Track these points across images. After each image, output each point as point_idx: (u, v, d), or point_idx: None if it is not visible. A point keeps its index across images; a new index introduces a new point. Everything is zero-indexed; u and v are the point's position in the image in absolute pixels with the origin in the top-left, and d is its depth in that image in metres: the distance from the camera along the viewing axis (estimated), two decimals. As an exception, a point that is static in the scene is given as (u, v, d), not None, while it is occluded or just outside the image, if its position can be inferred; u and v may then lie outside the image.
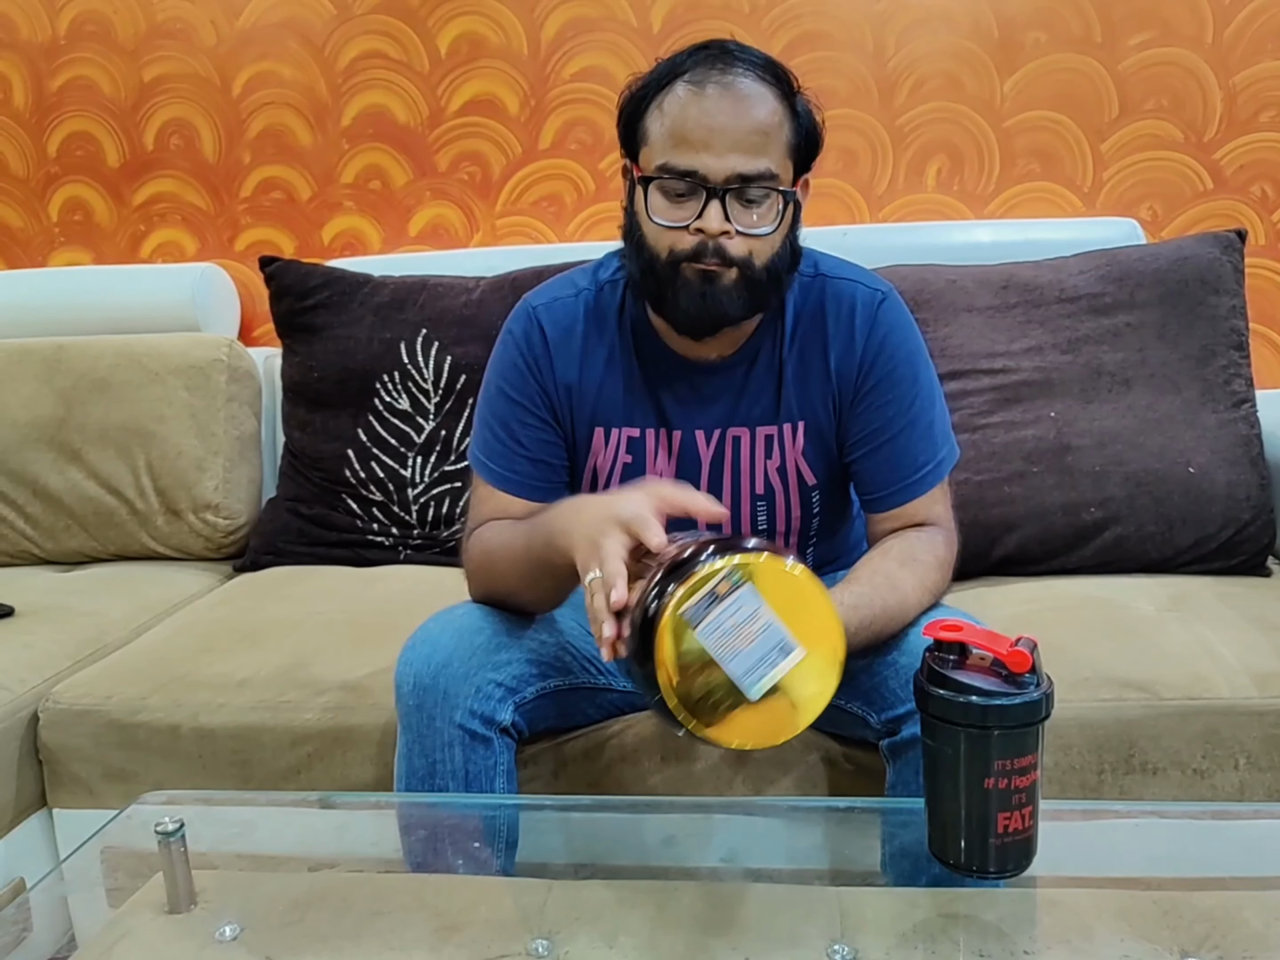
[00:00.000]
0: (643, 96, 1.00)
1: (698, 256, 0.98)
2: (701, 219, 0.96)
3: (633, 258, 1.04)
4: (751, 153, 0.96)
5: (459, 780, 0.99)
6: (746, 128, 0.96)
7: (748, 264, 0.99)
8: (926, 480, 1.08)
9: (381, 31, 1.95)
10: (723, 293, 0.99)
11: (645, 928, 0.80)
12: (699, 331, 1.04)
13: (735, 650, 0.71)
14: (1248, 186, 1.81)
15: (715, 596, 0.71)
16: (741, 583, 0.71)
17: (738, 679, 0.71)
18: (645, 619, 0.73)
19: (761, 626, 0.72)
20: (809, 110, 1.02)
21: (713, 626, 0.71)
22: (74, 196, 2.10)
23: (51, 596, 1.61)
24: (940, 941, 0.78)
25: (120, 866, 0.95)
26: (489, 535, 1.07)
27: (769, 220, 0.98)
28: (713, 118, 0.95)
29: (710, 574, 0.71)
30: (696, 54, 0.98)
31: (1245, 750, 1.12)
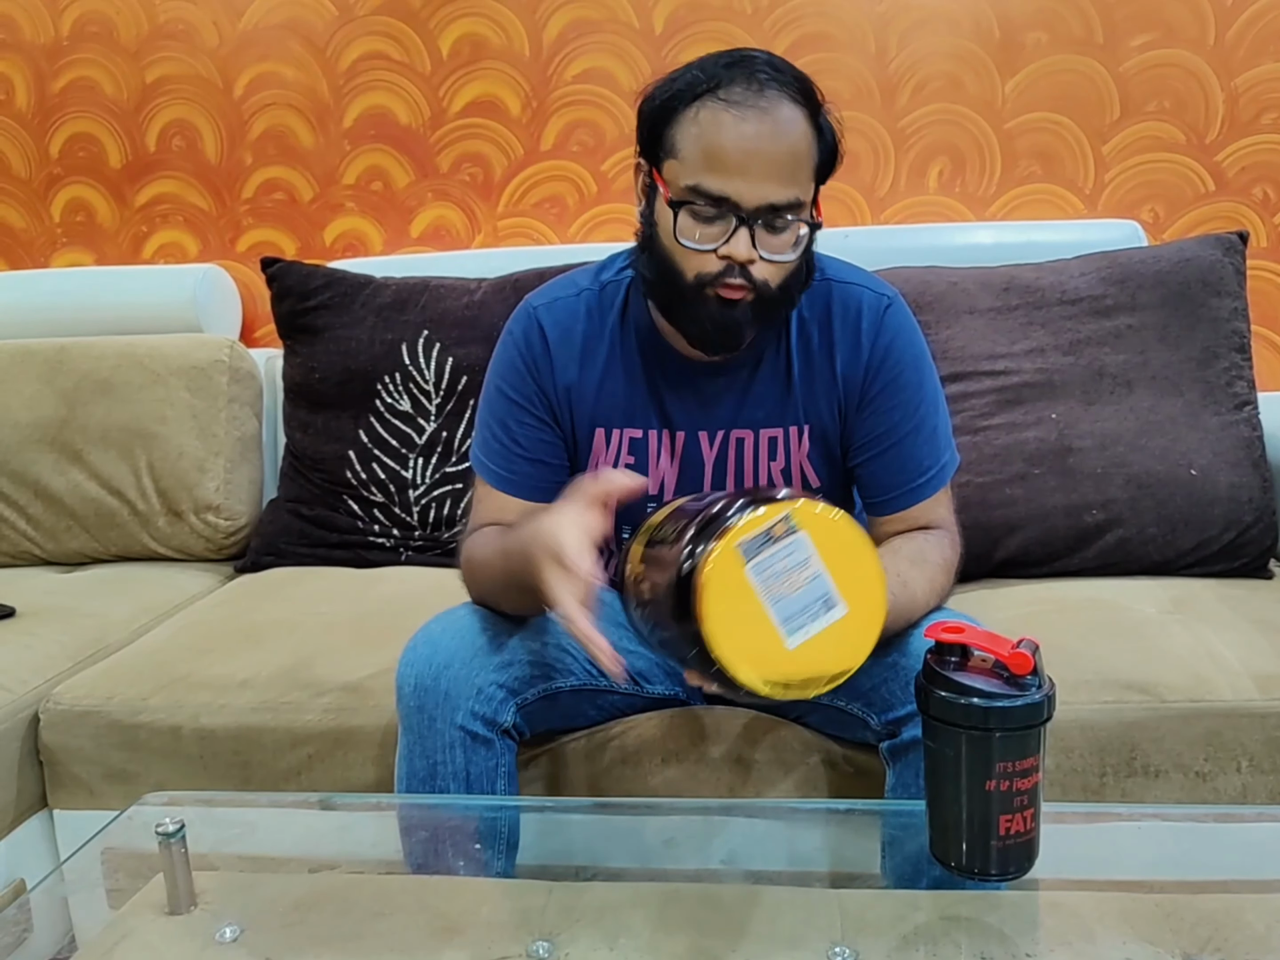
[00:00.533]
0: (672, 105, 0.97)
1: (721, 280, 0.97)
2: (730, 245, 0.95)
3: (649, 267, 1.03)
4: (783, 181, 0.95)
5: (460, 781, 0.99)
6: (782, 156, 0.94)
7: (765, 286, 0.98)
8: (931, 484, 1.08)
9: (383, 33, 1.95)
10: (740, 314, 0.99)
11: (646, 929, 0.80)
12: (712, 350, 1.04)
13: (780, 595, 0.70)
14: (1249, 188, 1.81)
15: (770, 537, 0.70)
16: (797, 529, 0.70)
17: (778, 624, 0.70)
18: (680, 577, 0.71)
19: (810, 575, 0.71)
20: (832, 126, 1.00)
21: (763, 566, 0.70)
22: (76, 197, 2.10)
23: (53, 597, 1.61)
24: (942, 944, 0.77)
25: (121, 867, 0.95)
26: (475, 546, 1.07)
27: (793, 247, 0.98)
28: (750, 143, 0.93)
29: (772, 511, 0.70)
30: (731, 68, 0.95)
31: (1247, 753, 1.12)
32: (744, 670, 0.71)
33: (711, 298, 0.98)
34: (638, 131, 1.02)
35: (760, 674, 0.71)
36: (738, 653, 0.71)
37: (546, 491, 1.11)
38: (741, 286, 0.97)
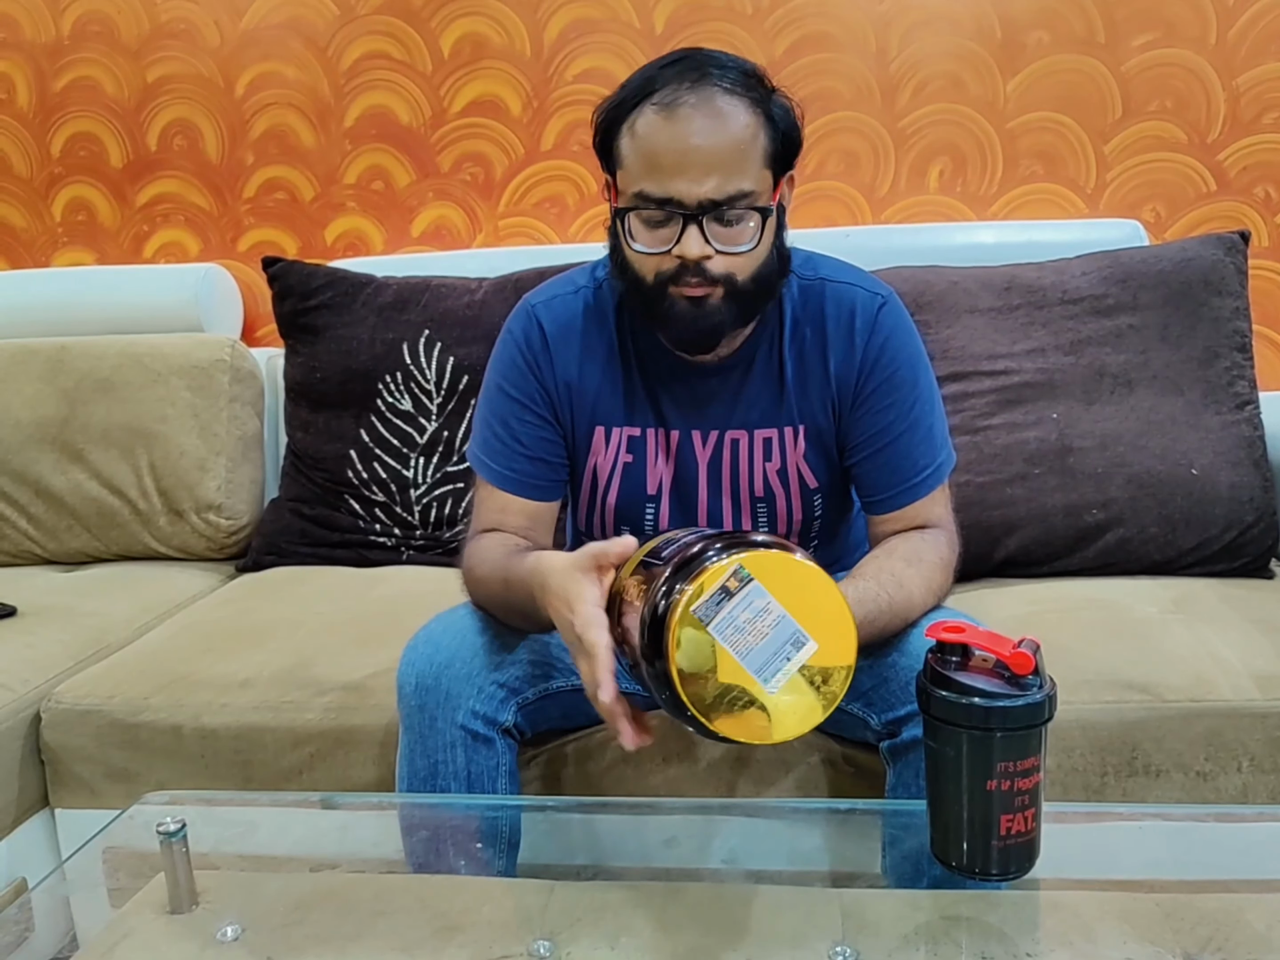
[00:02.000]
0: (615, 116, 0.99)
1: (681, 279, 0.97)
2: (680, 245, 0.95)
3: (619, 278, 1.05)
4: (726, 173, 0.94)
5: (461, 781, 0.99)
6: (720, 149, 0.94)
7: (730, 280, 0.98)
8: (927, 483, 1.08)
9: (384, 32, 1.95)
10: (712, 311, 0.99)
11: (647, 929, 0.80)
12: (693, 350, 1.05)
13: (749, 646, 0.71)
14: (1251, 188, 1.81)
15: (727, 593, 0.71)
16: (750, 578, 0.71)
17: (753, 674, 0.71)
18: (655, 617, 0.73)
19: (773, 621, 0.71)
20: (786, 110, 1.00)
21: (725, 623, 0.71)
22: (77, 197, 2.10)
23: (54, 597, 1.61)
24: (942, 944, 0.78)
25: (122, 867, 0.95)
26: (477, 558, 1.06)
27: (749, 238, 0.97)
28: (684, 141, 0.93)
29: (719, 570, 0.71)
30: (667, 69, 0.96)
31: (1248, 752, 1.12)
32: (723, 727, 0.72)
33: (678, 298, 0.99)
34: (594, 146, 1.03)
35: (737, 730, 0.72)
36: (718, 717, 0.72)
37: (547, 490, 1.11)
38: (701, 284, 0.97)
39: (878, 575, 0.98)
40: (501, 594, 1.00)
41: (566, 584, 0.84)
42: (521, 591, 0.94)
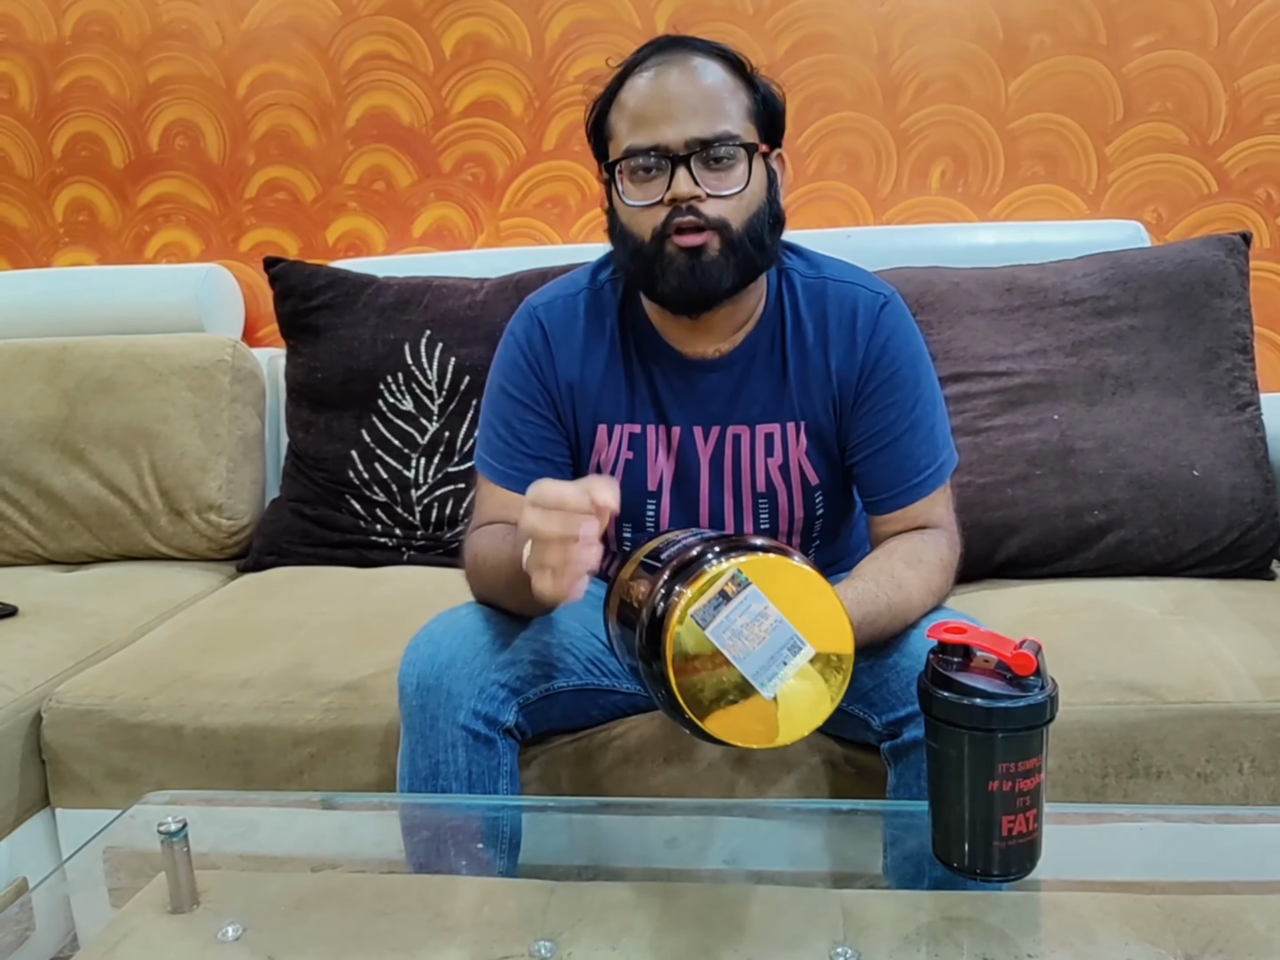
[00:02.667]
0: (605, 100, 1.04)
1: (677, 228, 0.99)
2: (671, 188, 0.98)
3: (620, 250, 1.06)
4: (708, 116, 0.98)
5: (462, 781, 0.99)
6: (700, 94, 0.98)
7: (725, 226, 0.99)
8: (928, 483, 1.08)
9: (386, 33, 1.95)
10: (710, 264, 1.00)
11: (648, 929, 0.80)
12: (693, 308, 1.04)
13: (746, 650, 0.71)
14: (1253, 189, 1.80)
15: (724, 597, 0.71)
16: (748, 583, 0.71)
17: (750, 678, 0.72)
18: (654, 619, 0.73)
19: (770, 625, 0.72)
20: (767, 86, 1.04)
21: (723, 627, 0.71)
22: (79, 197, 2.10)
23: (55, 596, 1.61)
24: (944, 944, 0.78)
25: (123, 866, 0.95)
26: (479, 542, 1.07)
27: (738, 179, 0.99)
28: (664, 92, 0.99)
29: (717, 575, 0.72)
30: (646, 48, 1.02)
31: (1249, 754, 1.11)
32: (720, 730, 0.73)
33: (675, 253, 1.00)
34: (589, 142, 1.07)
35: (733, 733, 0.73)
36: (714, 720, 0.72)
37: (548, 489, 1.11)
38: (696, 226, 0.99)
39: (876, 576, 0.98)
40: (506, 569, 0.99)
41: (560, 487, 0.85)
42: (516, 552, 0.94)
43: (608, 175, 1.04)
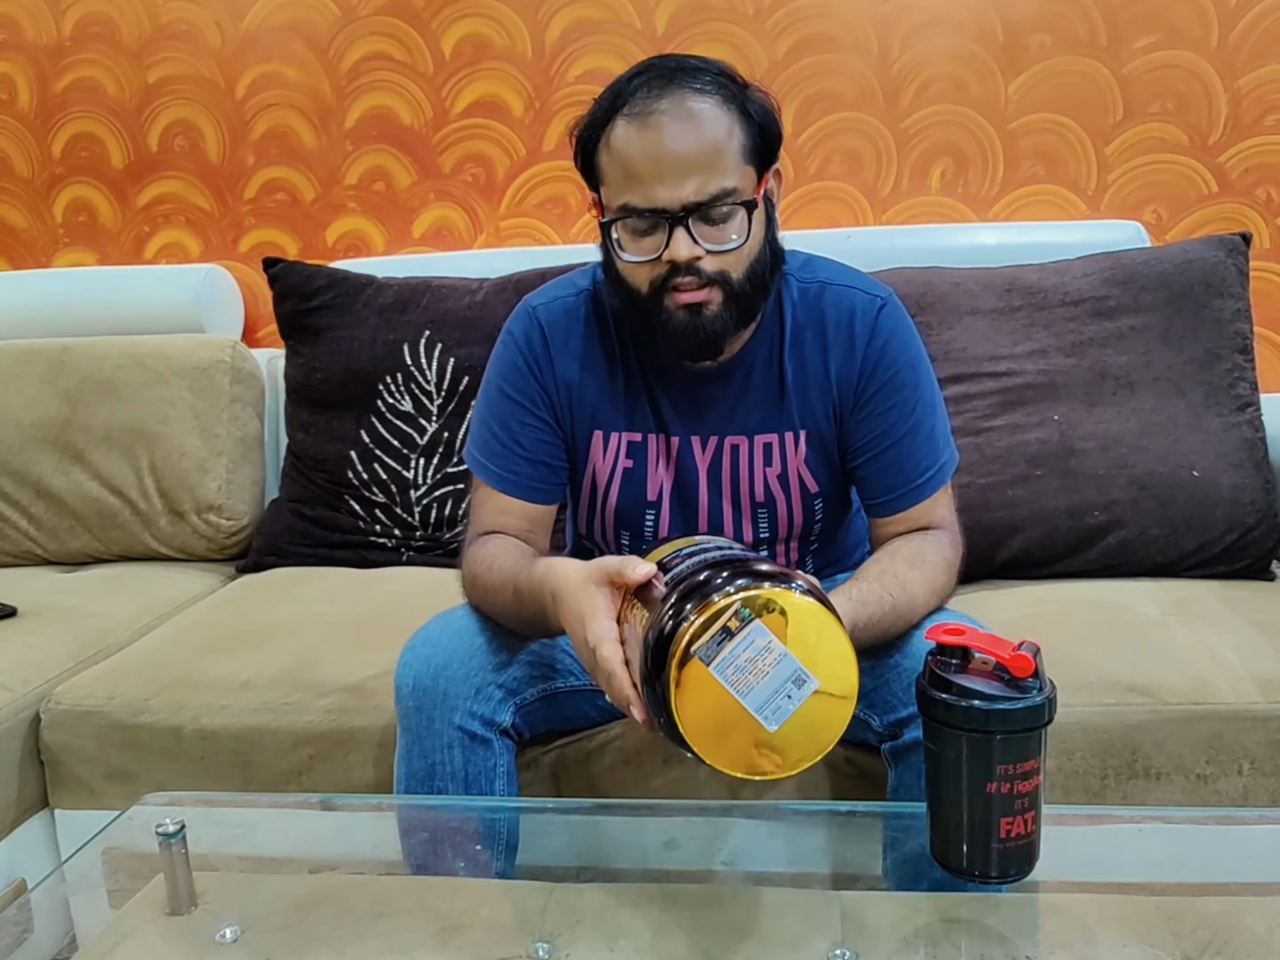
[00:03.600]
0: (590, 134, 0.99)
1: (676, 285, 0.97)
2: (670, 249, 0.95)
3: (615, 295, 1.04)
4: (706, 174, 0.94)
5: (458, 782, 0.99)
6: (696, 151, 0.94)
7: (726, 279, 0.98)
8: (930, 484, 1.08)
9: (386, 33, 1.95)
10: (712, 319, 0.98)
11: (646, 931, 0.80)
12: (697, 359, 1.04)
13: (750, 685, 0.71)
14: (1253, 190, 1.80)
15: (728, 633, 0.71)
16: (752, 618, 0.71)
17: (754, 713, 0.71)
18: (659, 640, 0.73)
19: (775, 659, 0.71)
20: (761, 104, 1.00)
21: (726, 662, 0.71)
22: (78, 197, 2.10)
23: (54, 597, 1.61)
24: (942, 946, 0.77)
25: (121, 867, 0.95)
26: (482, 566, 1.05)
27: (737, 233, 0.97)
28: (660, 148, 0.94)
29: (721, 608, 0.71)
30: (633, 80, 0.97)
31: (1249, 755, 1.11)
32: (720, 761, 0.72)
33: (675, 307, 0.98)
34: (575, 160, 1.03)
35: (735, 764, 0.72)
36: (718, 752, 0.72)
37: (546, 492, 1.11)
38: (697, 284, 0.97)
39: (881, 577, 0.98)
40: (513, 605, 1.00)
41: (580, 597, 0.84)
42: (533, 602, 0.94)
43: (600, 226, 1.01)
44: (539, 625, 0.96)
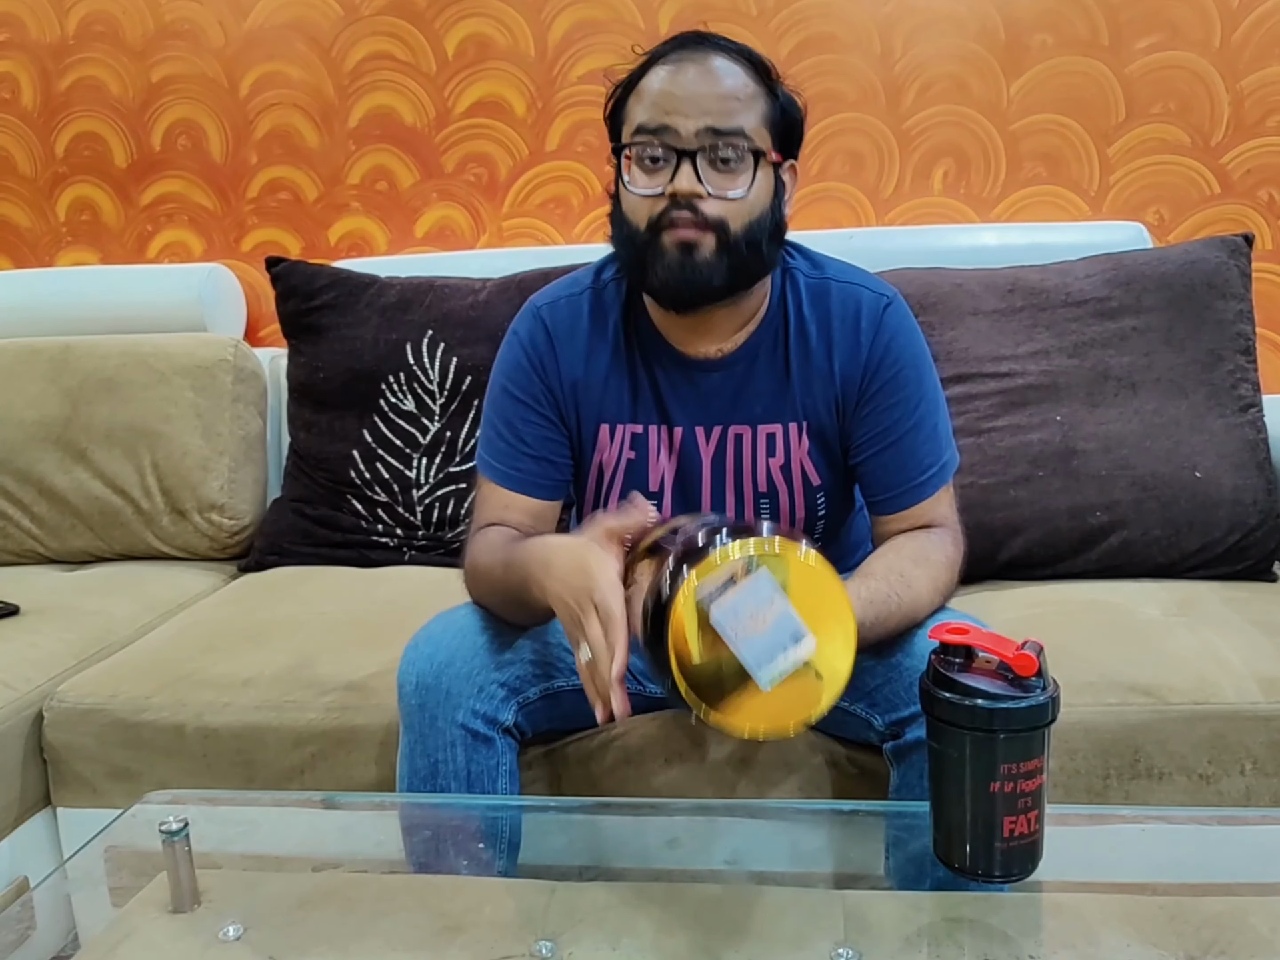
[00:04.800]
0: (625, 87, 1.03)
1: (674, 222, 0.98)
2: (673, 182, 0.97)
3: (616, 235, 1.06)
4: (723, 112, 0.97)
5: (461, 780, 0.99)
6: (717, 93, 0.98)
7: (723, 227, 0.99)
8: (932, 482, 1.08)
9: (389, 33, 1.96)
10: (702, 263, 0.99)
11: (649, 930, 0.80)
12: (680, 304, 1.04)
13: (748, 635, 0.70)
14: (1255, 191, 1.80)
15: (732, 580, 0.70)
16: (758, 567, 0.70)
17: (749, 665, 0.70)
18: (659, 603, 0.72)
19: (776, 613, 0.70)
20: (789, 95, 1.04)
21: (728, 610, 0.70)
22: (81, 196, 2.11)
23: (57, 596, 1.61)
24: (945, 945, 0.77)
25: (124, 866, 0.95)
26: (478, 550, 1.06)
27: (742, 183, 0.99)
28: (685, 86, 0.98)
29: (727, 556, 0.71)
30: (672, 41, 1.02)
31: (1251, 755, 1.11)
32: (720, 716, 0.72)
33: (670, 246, 0.99)
34: (607, 128, 1.07)
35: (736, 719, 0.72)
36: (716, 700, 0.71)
37: (550, 489, 1.11)
38: (692, 222, 0.98)
39: (887, 575, 0.98)
40: (501, 580, 1.00)
41: (585, 554, 0.85)
42: (519, 574, 0.94)
43: (616, 160, 1.03)
44: (525, 603, 0.95)
